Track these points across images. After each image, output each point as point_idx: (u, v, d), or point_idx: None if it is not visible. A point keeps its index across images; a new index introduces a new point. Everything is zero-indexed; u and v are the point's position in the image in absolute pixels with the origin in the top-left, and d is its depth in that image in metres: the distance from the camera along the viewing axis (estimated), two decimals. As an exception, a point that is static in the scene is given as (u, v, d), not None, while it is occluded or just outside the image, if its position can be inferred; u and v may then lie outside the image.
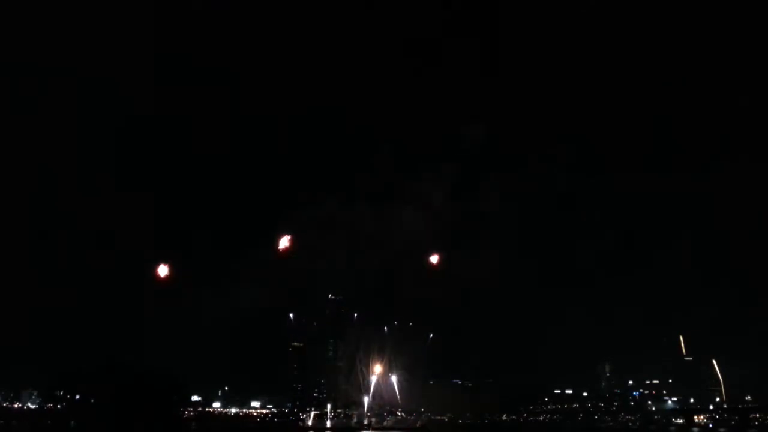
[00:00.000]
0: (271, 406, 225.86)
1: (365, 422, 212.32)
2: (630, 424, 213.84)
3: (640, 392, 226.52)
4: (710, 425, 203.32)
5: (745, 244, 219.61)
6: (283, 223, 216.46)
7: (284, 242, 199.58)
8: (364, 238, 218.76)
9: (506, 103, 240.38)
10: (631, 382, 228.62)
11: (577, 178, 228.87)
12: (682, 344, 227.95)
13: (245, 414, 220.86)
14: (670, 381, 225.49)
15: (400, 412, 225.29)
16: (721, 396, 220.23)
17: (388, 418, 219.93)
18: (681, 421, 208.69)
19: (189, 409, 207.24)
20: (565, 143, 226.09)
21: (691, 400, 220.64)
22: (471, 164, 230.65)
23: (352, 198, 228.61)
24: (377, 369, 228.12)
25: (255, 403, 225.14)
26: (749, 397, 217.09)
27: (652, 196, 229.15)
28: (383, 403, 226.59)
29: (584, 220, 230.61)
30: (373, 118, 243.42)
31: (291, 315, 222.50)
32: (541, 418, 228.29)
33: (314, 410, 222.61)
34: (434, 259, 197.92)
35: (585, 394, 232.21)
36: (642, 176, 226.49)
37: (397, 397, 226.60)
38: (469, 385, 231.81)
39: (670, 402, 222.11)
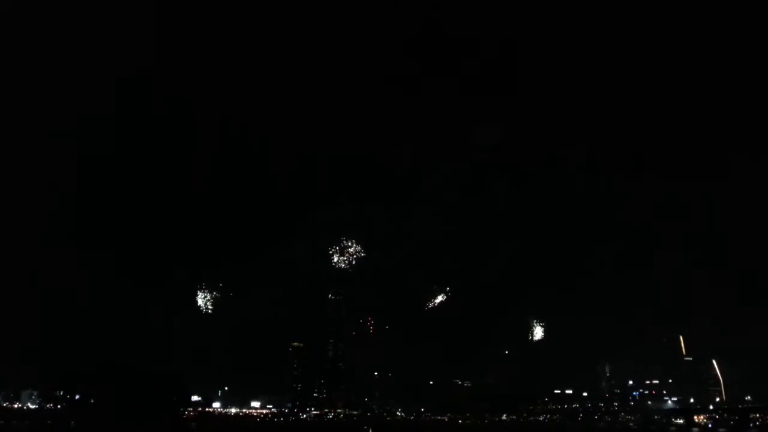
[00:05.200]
0: (271, 406, 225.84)
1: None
2: (630, 424, 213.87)
3: (640, 392, 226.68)
4: (710, 425, 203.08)
5: (745, 244, 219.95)
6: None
7: None
8: (375, 239, 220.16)
9: (516, 106, 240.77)
10: (631, 382, 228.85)
11: (578, 180, 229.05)
12: (682, 344, 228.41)
13: (245, 414, 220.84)
14: (670, 381, 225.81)
15: (400, 412, 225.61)
16: (721, 396, 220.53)
17: (387, 419, 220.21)
18: (681, 421, 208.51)
19: (189, 409, 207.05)
20: (568, 146, 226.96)
21: (691, 400, 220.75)
22: (482, 166, 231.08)
23: (363, 199, 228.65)
24: (378, 369, 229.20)
25: (255, 403, 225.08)
26: (749, 397, 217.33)
27: (653, 197, 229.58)
28: (383, 403, 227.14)
29: (586, 221, 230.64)
30: (381, 119, 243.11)
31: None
32: (541, 418, 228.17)
33: (314, 410, 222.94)
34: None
35: (585, 394, 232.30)
36: (643, 177, 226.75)
37: (397, 397, 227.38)
38: (469, 385, 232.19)
39: (670, 402, 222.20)
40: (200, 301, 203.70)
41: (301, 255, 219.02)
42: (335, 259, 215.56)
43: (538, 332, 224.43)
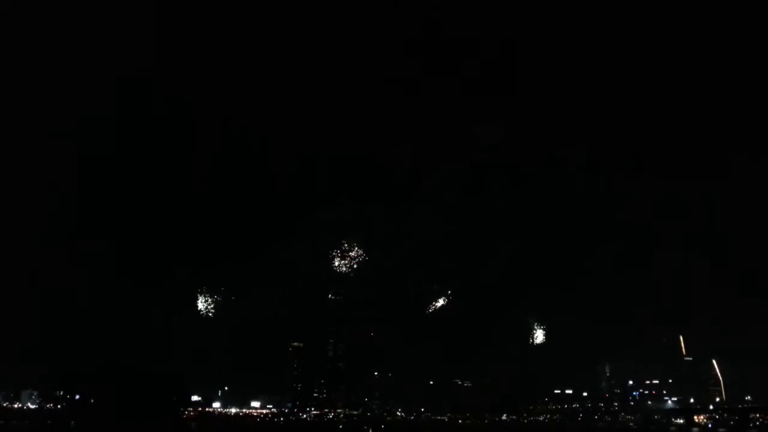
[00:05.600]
0: (271, 406, 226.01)
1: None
2: (630, 424, 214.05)
3: (640, 392, 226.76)
4: (710, 425, 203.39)
5: (745, 244, 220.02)
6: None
7: None
8: (375, 239, 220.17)
9: (516, 106, 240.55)
10: (631, 382, 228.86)
11: (578, 180, 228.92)
12: (682, 344, 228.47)
13: (245, 414, 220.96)
14: (670, 381, 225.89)
15: (400, 412, 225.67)
16: (721, 396, 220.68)
17: (387, 419, 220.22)
18: (681, 421, 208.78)
19: (189, 409, 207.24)
20: (568, 146, 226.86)
21: (691, 400, 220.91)
22: (482, 166, 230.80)
23: (363, 199, 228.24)
24: (378, 369, 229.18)
25: (255, 403, 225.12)
26: (749, 397, 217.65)
27: (653, 197, 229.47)
28: (383, 403, 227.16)
29: (586, 221, 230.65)
30: (381, 119, 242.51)
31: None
32: (541, 418, 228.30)
33: (314, 410, 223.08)
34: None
35: (585, 394, 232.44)
36: (643, 177, 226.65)
37: (397, 397, 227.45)
38: (469, 385, 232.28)
39: (670, 402, 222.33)
40: (201, 306, 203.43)
41: (301, 255, 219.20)
42: (336, 263, 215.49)
43: (539, 334, 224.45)
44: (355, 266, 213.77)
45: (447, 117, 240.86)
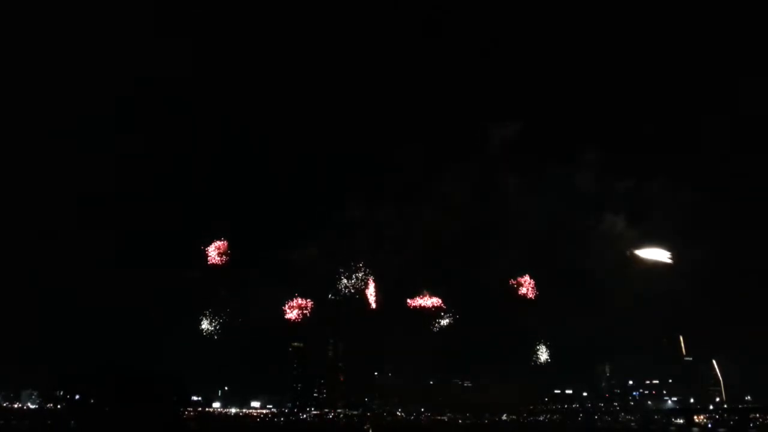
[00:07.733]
0: (271, 406, 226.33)
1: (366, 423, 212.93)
2: (631, 424, 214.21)
3: (640, 392, 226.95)
4: (710, 425, 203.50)
5: (745, 244, 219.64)
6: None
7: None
8: (378, 240, 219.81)
9: (517, 106, 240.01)
10: (631, 382, 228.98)
11: (579, 181, 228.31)
12: (682, 344, 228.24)
13: (245, 414, 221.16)
14: (670, 381, 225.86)
15: (400, 412, 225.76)
16: (721, 396, 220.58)
17: (388, 419, 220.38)
18: (681, 421, 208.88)
19: (189, 409, 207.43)
20: (572, 146, 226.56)
21: (691, 400, 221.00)
22: (493, 165, 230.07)
23: (365, 200, 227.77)
24: (378, 369, 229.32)
25: (255, 403, 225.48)
26: (749, 397, 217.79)
27: (655, 197, 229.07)
28: (383, 403, 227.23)
29: (588, 221, 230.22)
30: (381, 119, 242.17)
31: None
32: (541, 418, 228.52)
33: (314, 410, 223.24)
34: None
35: (585, 394, 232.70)
36: (645, 177, 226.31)
37: (397, 397, 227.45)
38: (469, 385, 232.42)
39: (670, 402, 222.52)
40: (205, 326, 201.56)
41: (301, 255, 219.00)
42: (344, 283, 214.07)
43: (542, 350, 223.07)
44: (361, 287, 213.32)
45: (447, 117, 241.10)
